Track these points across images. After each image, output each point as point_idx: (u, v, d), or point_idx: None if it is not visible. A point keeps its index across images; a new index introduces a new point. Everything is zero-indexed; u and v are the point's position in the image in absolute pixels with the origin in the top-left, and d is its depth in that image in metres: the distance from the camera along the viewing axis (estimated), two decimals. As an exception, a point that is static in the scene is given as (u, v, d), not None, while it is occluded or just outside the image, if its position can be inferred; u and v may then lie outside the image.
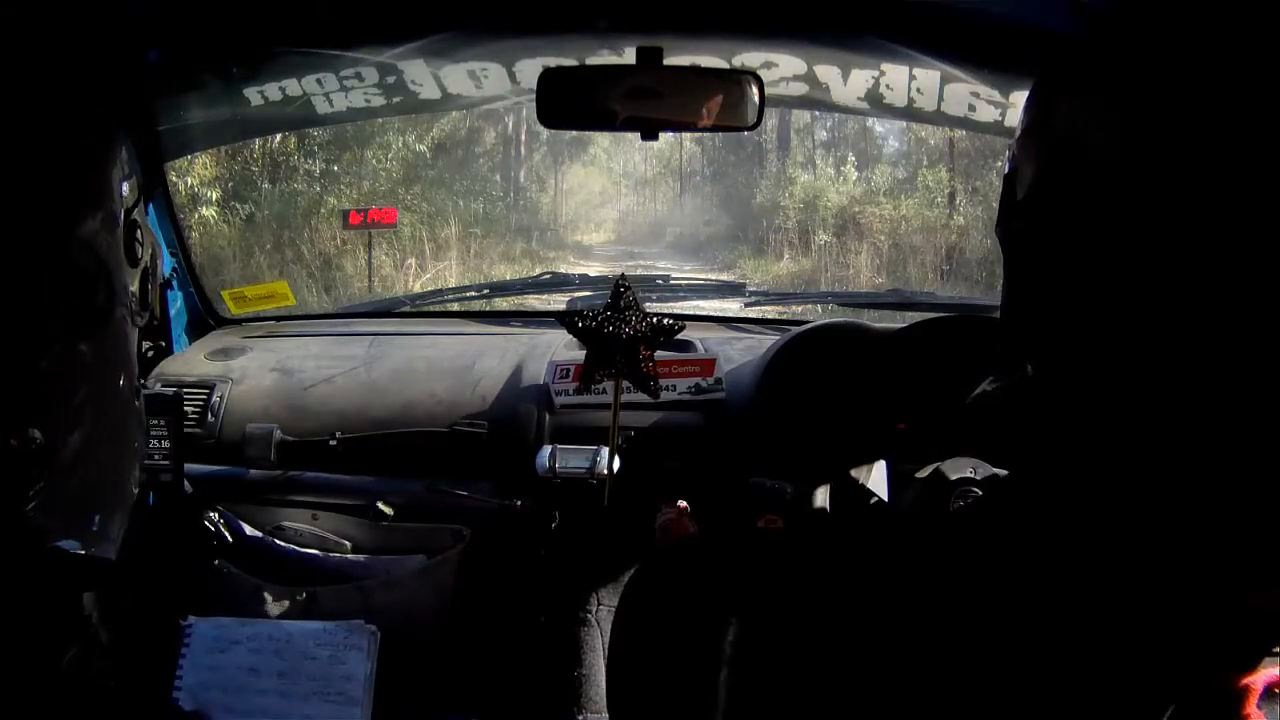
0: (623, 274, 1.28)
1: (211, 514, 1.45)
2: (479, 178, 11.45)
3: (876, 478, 1.42)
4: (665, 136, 1.38)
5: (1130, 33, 0.43)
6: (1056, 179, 0.45)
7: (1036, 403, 0.49)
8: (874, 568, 0.58)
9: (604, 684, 1.33)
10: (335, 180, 9.02)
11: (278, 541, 1.47)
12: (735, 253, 11.17)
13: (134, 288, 0.68)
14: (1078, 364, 0.45)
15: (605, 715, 1.31)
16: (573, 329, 1.26)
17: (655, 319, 1.26)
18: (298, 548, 1.47)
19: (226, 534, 1.45)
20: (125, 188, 0.81)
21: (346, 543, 1.48)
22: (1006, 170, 0.50)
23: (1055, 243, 0.45)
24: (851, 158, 11.56)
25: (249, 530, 1.47)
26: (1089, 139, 0.43)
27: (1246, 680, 0.44)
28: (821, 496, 1.42)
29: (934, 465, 1.37)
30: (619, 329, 1.24)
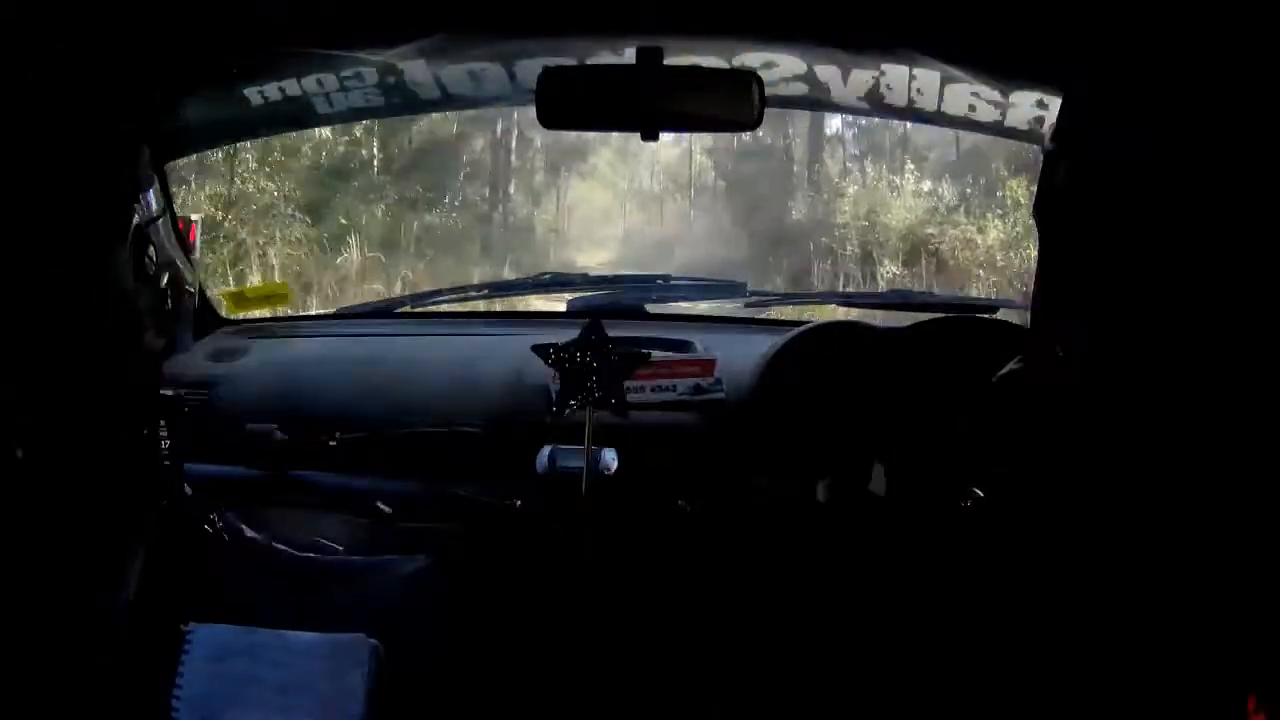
0: (594, 319, 1.36)
1: (211, 514, 1.45)
2: (438, 185, 9.20)
3: (877, 477, 1.42)
4: (674, 147, 1.39)
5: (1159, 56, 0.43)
6: (1096, 169, 0.45)
7: (1065, 383, 0.49)
8: (875, 567, 0.58)
9: (603, 682, 1.33)
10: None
11: (277, 542, 1.47)
12: (769, 284, 7.62)
13: (145, 305, 0.68)
14: (1110, 346, 0.45)
15: (604, 711, 1.31)
16: (547, 360, 1.34)
17: (623, 352, 1.34)
18: (297, 548, 1.47)
19: (226, 534, 1.45)
20: (145, 201, 0.80)
21: (346, 543, 1.48)
22: (1049, 150, 0.50)
23: (1094, 225, 0.45)
24: (910, 165, 8.89)
25: (248, 531, 1.47)
26: (1124, 142, 0.44)
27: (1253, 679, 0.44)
28: (822, 496, 1.42)
29: (935, 465, 1.38)
30: (589, 362, 1.33)
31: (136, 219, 0.70)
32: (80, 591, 0.92)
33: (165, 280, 0.91)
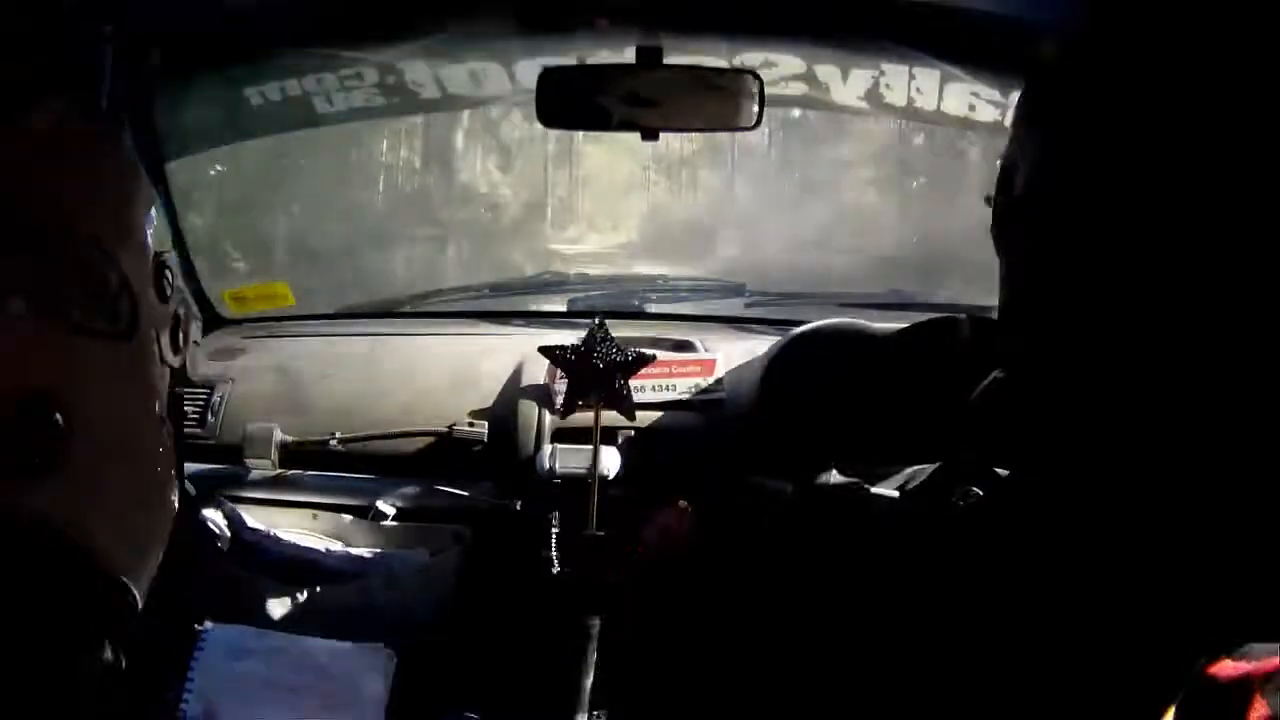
0: (599, 318, 1.36)
1: (211, 514, 1.45)
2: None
3: (877, 477, 1.42)
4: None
5: (1122, 47, 0.43)
6: (1055, 171, 0.45)
7: (1037, 396, 0.49)
8: (876, 565, 0.58)
9: (601, 683, 1.33)
10: None
11: (278, 540, 1.47)
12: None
13: (165, 331, 0.68)
14: (1076, 357, 0.45)
15: (603, 714, 1.31)
16: (554, 360, 1.32)
17: (630, 352, 1.33)
18: (298, 547, 1.47)
19: (227, 534, 1.45)
20: (151, 224, 0.80)
21: (347, 543, 1.48)
22: (1001, 166, 0.50)
23: (1053, 235, 0.45)
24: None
25: (249, 530, 1.47)
26: (1086, 136, 0.43)
27: (1250, 669, 0.44)
28: (822, 496, 1.42)
29: (934, 464, 1.37)
30: (594, 361, 1.31)
31: (153, 249, 0.71)
32: (87, 588, 0.92)
33: (179, 300, 0.91)
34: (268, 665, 1.28)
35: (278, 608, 1.38)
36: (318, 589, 1.39)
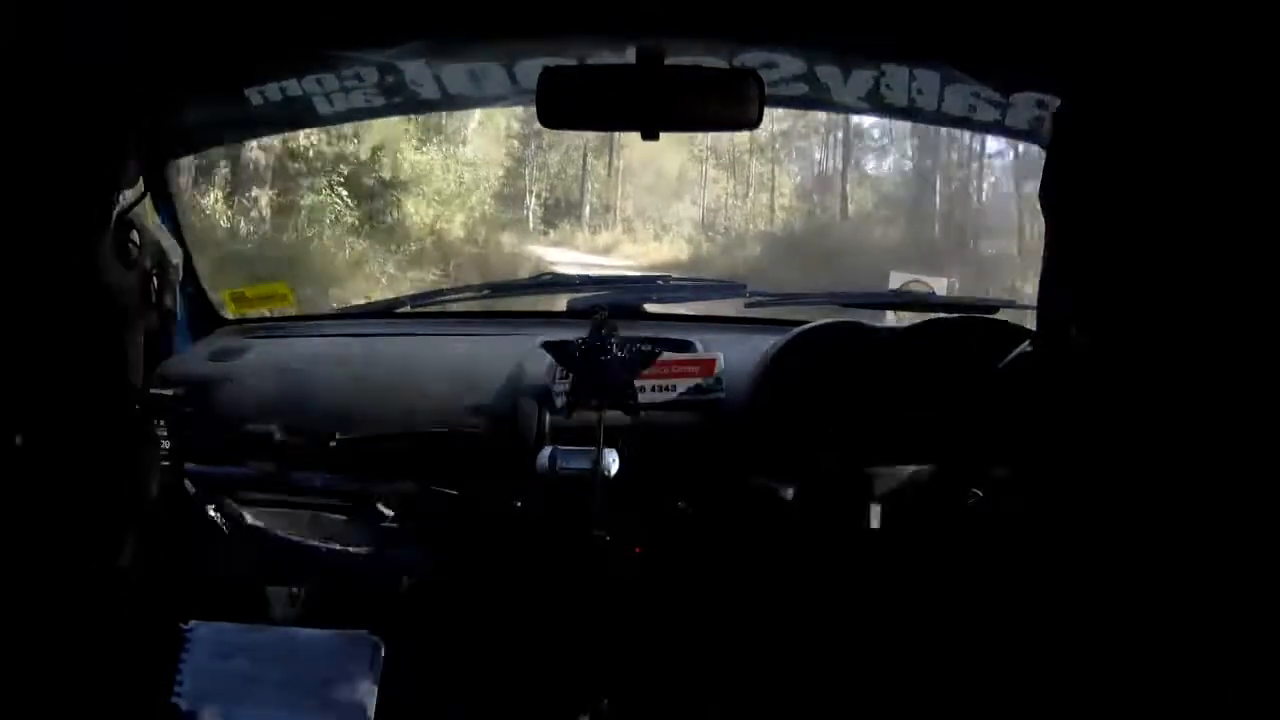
0: (603, 310, 1.35)
1: (211, 513, 1.45)
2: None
3: (878, 477, 1.42)
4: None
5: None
6: (1109, 136, 0.45)
7: (1081, 367, 0.49)
8: (876, 567, 0.58)
9: (602, 681, 1.33)
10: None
11: (278, 541, 1.47)
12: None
13: (132, 289, 0.69)
14: (1128, 328, 0.45)
15: (606, 709, 1.31)
16: (560, 358, 1.32)
17: (635, 347, 1.33)
18: (297, 547, 1.47)
19: (227, 533, 1.45)
20: (127, 191, 0.81)
21: (346, 543, 1.48)
22: (1051, 134, 0.50)
23: (1105, 200, 0.45)
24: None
25: (249, 529, 1.47)
26: (1137, 109, 0.43)
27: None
28: (823, 496, 1.42)
29: (934, 465, 1.38)
30: (600, 359, 1.32)
31: (119, 205, 0.72)
32: (81, 589, 0.92)
33: (151, 264, 0.92)
34: (254, 661, 1.28)
35: (277, 609, 1.38)
36: (317, 590, 1.39)
